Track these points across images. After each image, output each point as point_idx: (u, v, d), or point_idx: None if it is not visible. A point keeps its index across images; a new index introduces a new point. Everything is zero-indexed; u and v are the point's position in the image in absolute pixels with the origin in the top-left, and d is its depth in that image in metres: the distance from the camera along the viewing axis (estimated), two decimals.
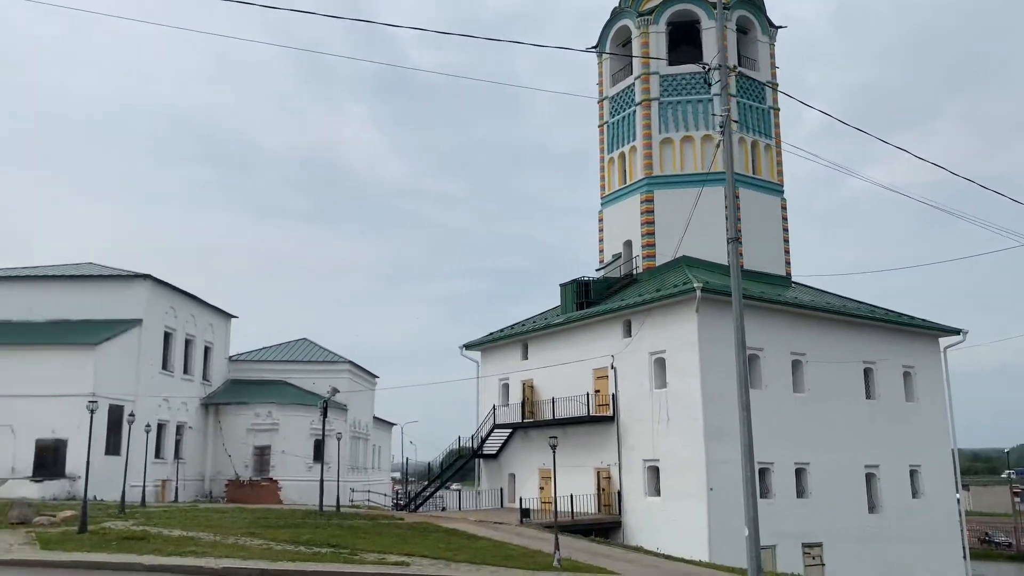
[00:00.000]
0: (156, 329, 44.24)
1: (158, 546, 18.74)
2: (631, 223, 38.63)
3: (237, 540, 20.40)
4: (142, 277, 43.62)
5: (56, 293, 42.92)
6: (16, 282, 43.50)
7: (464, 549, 20.59)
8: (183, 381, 47.26)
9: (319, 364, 54.58)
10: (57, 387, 37.13)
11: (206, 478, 48.21)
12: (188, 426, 46.99)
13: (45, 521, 23.17)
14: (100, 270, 45.32)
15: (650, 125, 38.55)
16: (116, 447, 37.11)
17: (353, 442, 56.50)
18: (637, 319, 33.18)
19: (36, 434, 37.06)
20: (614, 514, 32.91)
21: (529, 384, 38.48)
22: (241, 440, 48.34)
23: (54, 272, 44.65)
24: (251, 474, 47.90)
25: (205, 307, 50.46)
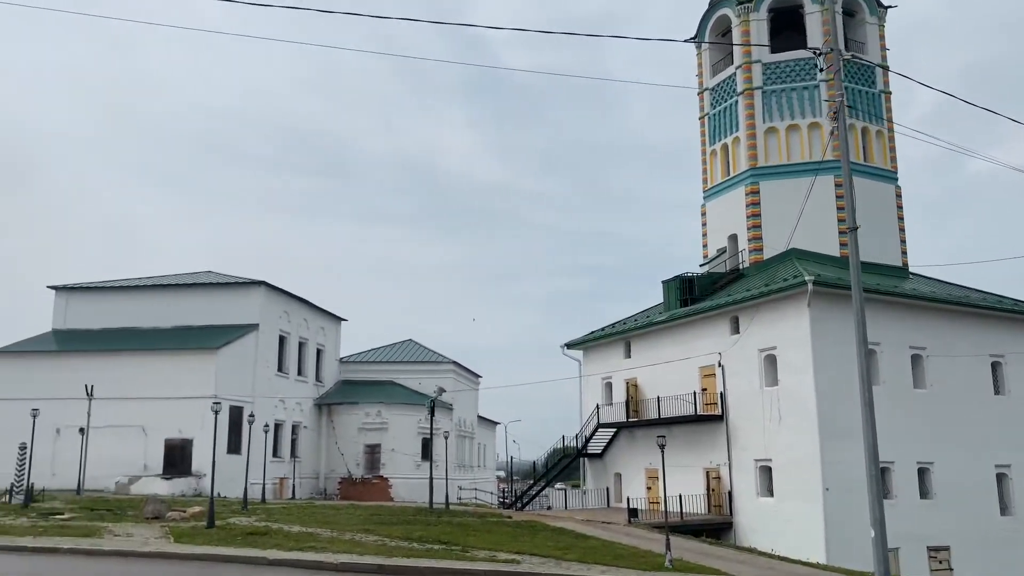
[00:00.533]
0: (271, 333, 46.18)
1: (279, 541, 19.53)
2: (736, 216, 37.68)
3: (353, 536, 21.03)
4: (257, 284, 45.62)
5: (179, 301, 45.43)
6: (144, 291, 46.30)
7: (573, 548, 20.57)
8: (297, 382, 49.15)
9: (424, 364, 55.71)
10: (183, 390, 39.27)
11: (320, 476, 49.97)
12: (303, 426, 48.83)
13: (176, 516, 24.52)
14: (218, 278, 47.65)
15: (753, 115, 37.51)
16: (237, 446, 38.93)
17: (459, 441, 57.38)
18: (745, 315, 32.33)
19: (165, 434, 39.30)
20: (725, 514, 32.18)
21: (633, 383, 38.08)
22: (352, 439, 49.88)
23: (177, 281, 47.27)
24: (363, 472, 49.34)
25: (316, 311, 52.32)
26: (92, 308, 45.85)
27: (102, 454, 37.05)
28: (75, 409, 36.90)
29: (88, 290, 46.93)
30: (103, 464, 37.01)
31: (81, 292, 46.78)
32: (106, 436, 37.63)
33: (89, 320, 45.35)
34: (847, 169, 15.33)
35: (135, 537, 19.41)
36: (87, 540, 18.36)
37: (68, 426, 36.90)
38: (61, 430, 37.28)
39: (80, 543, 17.86)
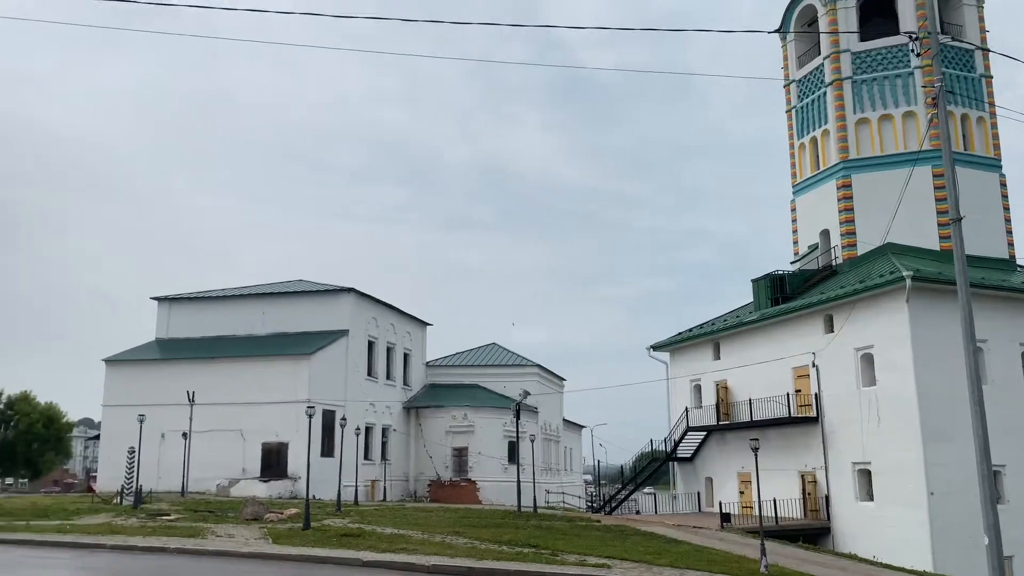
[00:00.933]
0: (360, 338, 47.23)
1: (373, 543, 19.91)
2: (828, 211, 36.48)
3: (444, 538, 21.26)
4: (346, 291, 46.75)
5: (273, 309, 46.98)
6: (239, 300, 48.08)
7: (665, 553, 20.24)
8: (386, 386, 50.10)
9: (509, 368, 55.95)
10: (278, 394, 40.56)
11: (410, 478, 50.77)
12: (392, 429, 49.73)
13: (274, 518, 25.31)
14: (309, 286, 49.05)
15: (843, 106, 36.27)
16: (330, 449, 39.92)
17: (545, 444, 57.36)
18: (840, 313, 31.23)
19: (262, 437, 40.66)
20: (822, 519, 31.16)
21: (723, 385, 37.28)
22: (440, 442, 50.49)
23: (270, 290, 48.88)
24: (451, 475, 49.89)
25: (403, 316, 53.24)
26: (192, 318, 47.89)
27: (204, 457, 38.56)
28: (178, 414, 38.55)
29: (188, 301, 49.04)
30: (205, 467, 38.53)
31: (181, 303, 48.90)
32: (207, 440, 39.15)
33: (190, 329, 47.37)
34: (948, 158, 14.62)
35: (236, 538, 20.12)
36: (192, 540, 19.13)
37: (172, 431, 38.57)
38: (166, 435, 38.99)
39: (185, 543, 18.63)
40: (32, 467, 66.95)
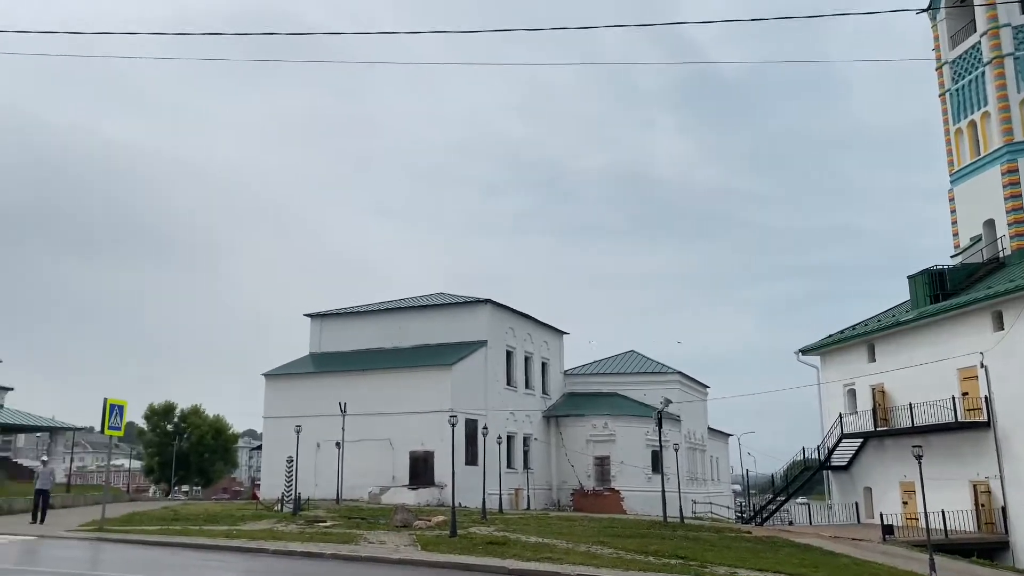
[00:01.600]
0: (499, 348, 47.91)
1: (518, 551, 20.00)
2: (991, 199, 33.74)
3: (589, 548, 21.09)
4: (484, 302, 47.59)
5: (415, 322, 48.48)
6: (383, 315, 49.93)
7: (822, 566, 19.21)
8: (525, 395, 50.52)
9: (649, 375, 55.09)
10: (422, 404, 41.74)
11: (553, 487, 50.87)
12: (533, 438, 50.05)
13: (422, 525, 25.96)
14: (448, 299, 50.28)
15: (1005, 85, 33.53)
16: (473, 458, 40.62)
17: (689, 453, 56.03)
18: (1011, 309, 28.74)
19: (409, 446, 41.93)
20: (998, 533, 28.71)
21: (879, 389, 35.13)
22: (581, 451, 50.32)
23: (411, 304, 50.47)
24: (593, 484, 49.59)
25: (539, 326, 53.57)
26: (341, 332, 50.15)
27: (356, 466, 40.17)
28: (331, 425, 40.37)
29: (337, 316, 51.40)
30: (357, 475, 40.13)
31: (331, 318, 51.32)
32: (358, 449, 40.77)
33: (339, 343, 49.63)
34: None
35: (387, 544, 20.76)
36: (346, 546, 19.90)
37: (326, 440, 40.43)
38: (321, 444, 40.91)
39: (340, 549, 19.40)
40: (204, 475, 72.08)
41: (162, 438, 69.63)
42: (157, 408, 70.04)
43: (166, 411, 70.20)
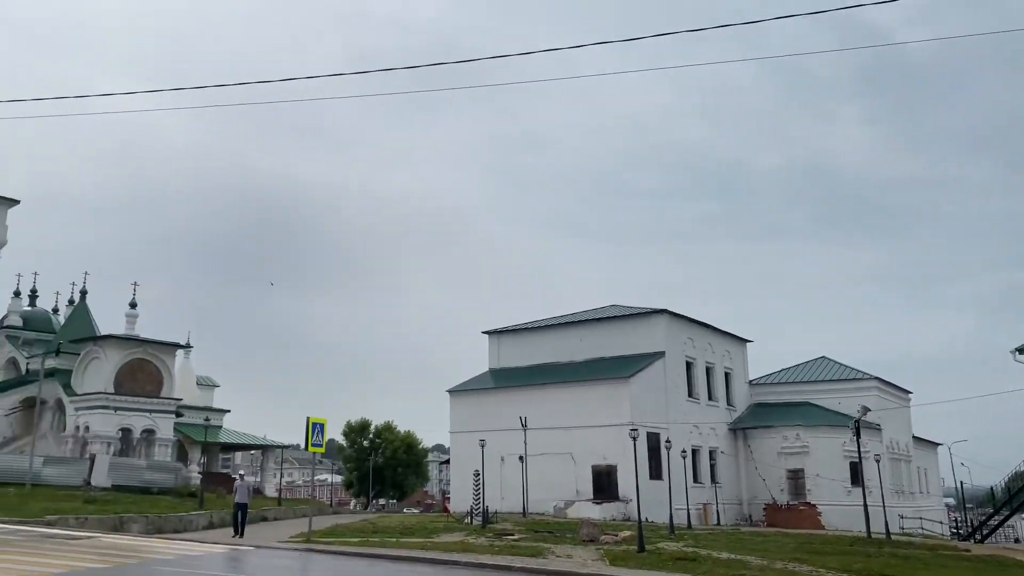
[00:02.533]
0: (677, 359, 46.86)
1: (709, 568, 19.34)
2: None
3: (785, 565, 20.03)
4: (659, 312, 46.78)
5: (590, 335, 48.46)
6: (559, 329, 50.32)
7: None
8: (709, 407, 49.03)
9: (843, 383, 51.88)
10: (601, 418, 41.55)
11: (743, 502, 48.93)
12: (719, 451, 48.43)
13: (609, 540, 25.75)
14: (621, 310, 49.87)
15: None
16: (657, 472, 39.89)
17: (893, 464, 52.08)
18: None
19: (591, 460, 41.83)
20: None
21: None
22: (772, 463, 48.11)
23: (586, 317, 50.50)
24: (787, 498, 47.21)
25: (720, 334, 51.92)
26: (519, 348, 51.04)
27: (539, 479, 40.60)
28: (514, 439, 41.10)
29: (514, 332, 52.38)
30: (541, 488, 40.53)
31: (508, 335, 52.37)
32: (541, 463, 41.20)
33: (517, 359, 50.52)
34: None
35: (574, 558, 20.74)
36: (535, 560, 20.06)
37: (510, 454, 41.19)
38: (505, 458, 41.73)
39: (529, 563, 19.58)
40: (399, 489, 75.51)
41: (359, 453, 73.70)
42: (354, 425, 74.29)
43: (362, 428, 74.28)
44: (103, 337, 43.61)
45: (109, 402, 41.05)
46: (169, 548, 18.61)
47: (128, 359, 42.42)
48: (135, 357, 42.72)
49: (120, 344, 42.69)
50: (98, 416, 41.01)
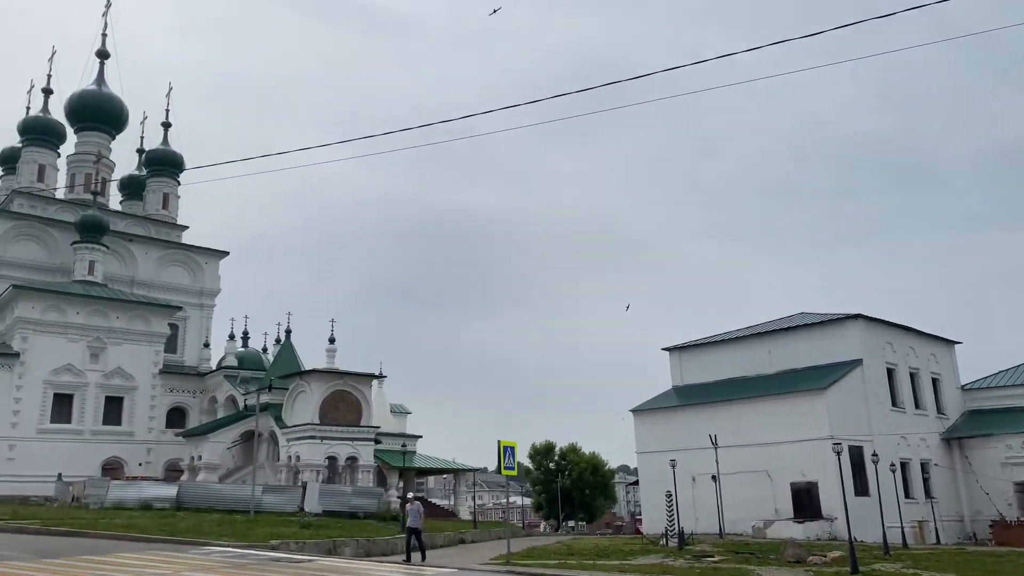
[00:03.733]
0: (877, 367, 43.88)
1: None
2: None
3: None
4: (853, 317, 44.09)
5: (778, 345, 46.43)
6: (744, 341, 48.62)
7: None
8: (916, 416, 45.47)
9: None
10: (797, 432, 39.59)
11: (964, 518, 44.83)
12: (932, 463, 44.71)
13: (817, 561, 24.36)
14: (811, 318, 47.42)
15: None
16: (863, 487, 37.41)
17: None
18: None
19: (789, 477, 39.89)
20: None
21: None
22: (995, 475, 43.77)
23: (772, 327, 48.46)
24: (1017, 514, 42.71)
25: (923, 337, 48.17)
26: (702, 364, 49.77)
27: (734, 499, 39.21)
28: (704, 457, 39.99)
29: (695, 348, 51.16)
30: (737, 508, 39.10)
31: (690, 350, 51.22)
32: (735, 481, 39.78)
33: (701, 375, 49.26)
34: None
35: None
36: None
37: (701, 474, 40.10)
38: (696, 477, 40.67)
39: None
40: (587, 510, 75.49)
41: (546, 476, 74.56)
42: (539, 448, 75.34)
43: (547, 450, 75.18)
44: (308, 372, 47.01)
45: (316, 432, 44.08)
46: (380, 570, 19.60)
47: (330, 391, 45.41)
48: (336, 389, 45.68)
49: (323, 377, 45.81)
50: (307, 446, 44.13)
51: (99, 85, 66.63)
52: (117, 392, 51.99)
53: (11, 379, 48.34)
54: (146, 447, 52.13)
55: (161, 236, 63.94)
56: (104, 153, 64.87)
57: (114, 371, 51.93)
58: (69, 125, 65.58)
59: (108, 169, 64.88)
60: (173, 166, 67.63)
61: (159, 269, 61.02)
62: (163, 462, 52.16)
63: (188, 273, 62.53)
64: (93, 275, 54.96)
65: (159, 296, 58.42)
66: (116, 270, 57.99)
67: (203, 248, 64.27)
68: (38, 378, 49.10)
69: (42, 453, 47.25)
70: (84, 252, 55.28)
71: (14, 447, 47.16)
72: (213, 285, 63.40)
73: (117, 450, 50.85)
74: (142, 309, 54.38)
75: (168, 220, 66.51)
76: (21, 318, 49.44)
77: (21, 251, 56.00)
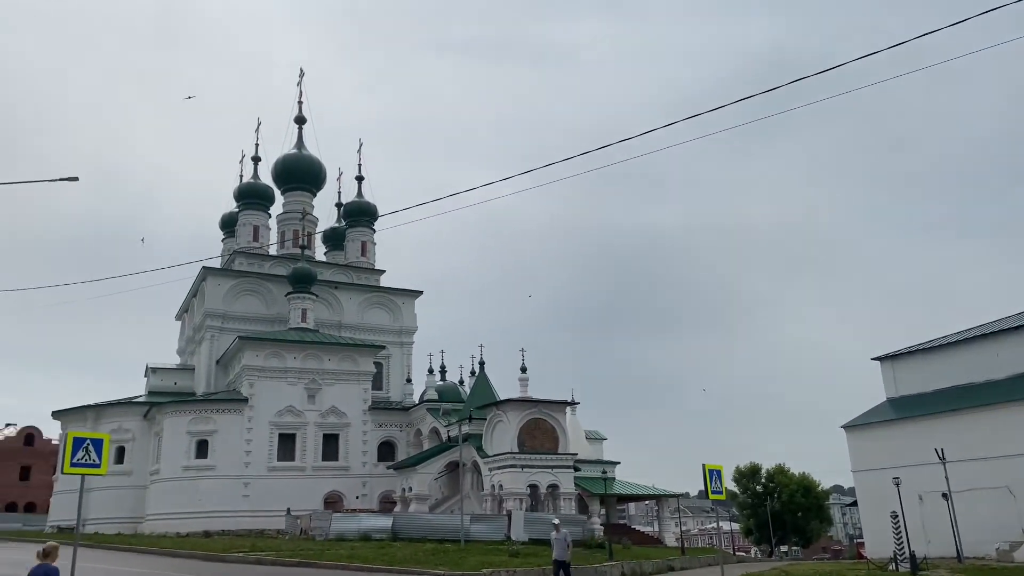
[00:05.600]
0: None
1: None
2: None
3: None
4: None
5: (1008, 347, 41.80)
6: (965, 345, 44.13)
7: None
8: None
9: None
10: None
11: None
12: None
13: None
14: None
15: None
16: None
17: None
18: None
19: None
20: None
21: None
22: None
23: (1000, 327, 43.73)
24: None
25: None
26: (918, 372, 45.71)
27: (970, 518, 35.48)
28: (930, 474, 36.53)
29: (910, 355, 47.13)
30: (975, 528, 35.36)
31: (904, 358, 47.25)
32: (969, 499, 36.02)
33: (919, 384, 45.21)
34: None
35: None
36: None
37: (928, 491, 36.68)
38: (923, 496, 37.28)
39: None
40: (801, 534, 71.40)
41: (753, 499, 71.43)
42: (744, 470, 72.42)
43: (752, 472, 72.10)
44: (503, 401, 48.13)
45: (516, 460, 44.89)
46: None
47: (526, 419, 46.20)
48: (532, 417, 46.40)
49: (518, 406, 46.71)
50: (508, 474, 45.02)
51: (299, 148, 72.95)
52: (333, 429, 55.77)
53: (242, 422, 53.21)
54: (361, 480, 55.37)
55: (362, 281, 68.44)
56: (308, 210, 70.85)
57: (329, 410, 55.78)
58: (276, 187, 72.22)
59: (312, 224, 70.65)
60: (368, 215, 72.38)
61: (362, 312, 65.23)
62: (377, 494, 55.13)
63: (388, 314, 66.36)
64: (306, 322, 59.65)
65: (364, 337, 62.35)
66: (325, 316, 62.62)
67: (400, 289, 68.08)
68: (265, 420, 53.69)
69: (271, 489, 51.45)
70: (297, 301, 60.21)
71: (248, 484, 51.72)
72: (411, 323, 66.83)
73: (336, 484, 54.39)
74: (351, 350, 58.18)
75: (367, 266, 71.11)
76: (248, 366, 54.40)
77: (244, 305, 61.94)
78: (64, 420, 58.94)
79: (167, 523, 49.53)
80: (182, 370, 65.44)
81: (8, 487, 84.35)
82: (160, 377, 63.22)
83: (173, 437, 52.81)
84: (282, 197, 72.53)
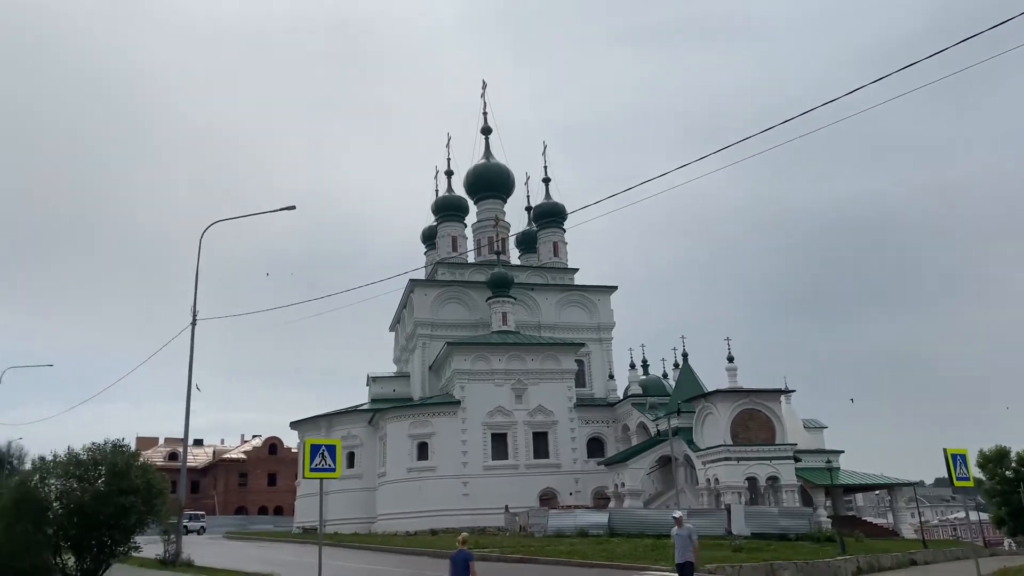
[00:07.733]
0: None
1: None
2: None
3: None
4: None
5: None
6: None
7: None
8: None
9: None
10: None
11: None
12: None
13: None
14: None
15: None
16: None
17: None
18: None
19: None
20: None
21: None
22: None
23: None
24: None
25: None
26: None
27: None
28: None
29: None
30: None
31: None
32: None
33: None
34: None
35: None
36: None
37: None
38: None
39: None
40: None
41: (1002, 486, 64.34)
42: (988, 454, 65.42)
43: (1000, 456, 64.93)
44: (712, 393, 46.72)
45: (730, 453, 43.39)
46: None
47: (738, 410, 44.52)
48: (744, 408, 44.66)
49: (728, 397, 45.14)
50: (723, 467, 43.59)
51: (487, 158, 75.27)
52: (541, 428, 56.77)
53: (457, 424, 55.50)
54: (573, 477, 55.91)
55: (556, 281, 69.32)
56: (500, 216, 72.95)
57: (536, 409, 56.86)
58: (468, 197, 74.98)
59: (505, 229, 72.60)
60: (558, 216, 73.28)
61: (559, 311, 66.04)
62: (590, 490, 55.43)
63: (584, 311, 66.71)
64: (506, 325, 61.26)
65: (562, 336, 63.08)
66: (524, 317, 63.99)
67: (594, 286, 68.23)
68: (477, 421, 55.66)
69: (488, 487, 53.18)
70: (497, 306, 62.02)
71: (467, 483, 53.82)
72: (608, 319, 66.77)
73: (549, 481, 55.29)
74: (552, 350, 59.03)
75: (560, 266, 71.94)
76: (457, 370, 56.71)
77: (449, 313, 64.76)
78: (301, 429, 64.38)
79: (397, 522, 52.61)
80: (399, 377, 69.40)
81: (258, 492, 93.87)
82: (380, 385, 67.47)
83: (396, 441, 56.08)
84: (475, 206, 75.06)
